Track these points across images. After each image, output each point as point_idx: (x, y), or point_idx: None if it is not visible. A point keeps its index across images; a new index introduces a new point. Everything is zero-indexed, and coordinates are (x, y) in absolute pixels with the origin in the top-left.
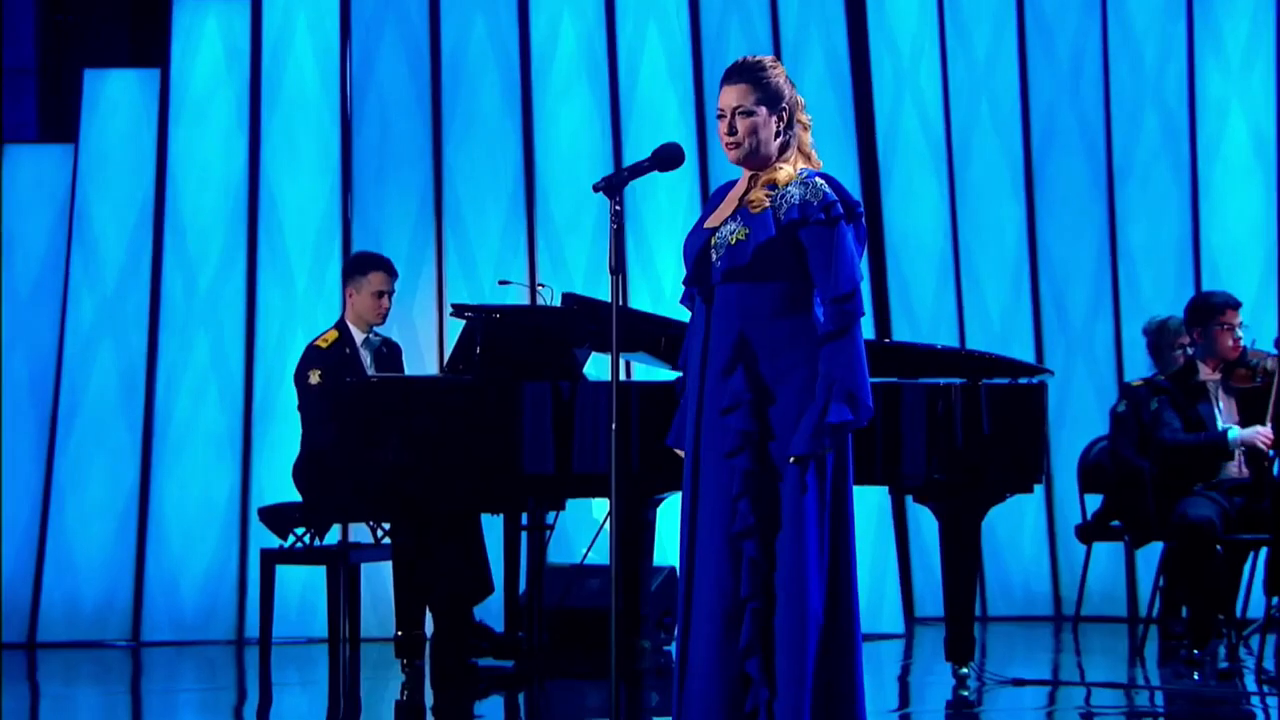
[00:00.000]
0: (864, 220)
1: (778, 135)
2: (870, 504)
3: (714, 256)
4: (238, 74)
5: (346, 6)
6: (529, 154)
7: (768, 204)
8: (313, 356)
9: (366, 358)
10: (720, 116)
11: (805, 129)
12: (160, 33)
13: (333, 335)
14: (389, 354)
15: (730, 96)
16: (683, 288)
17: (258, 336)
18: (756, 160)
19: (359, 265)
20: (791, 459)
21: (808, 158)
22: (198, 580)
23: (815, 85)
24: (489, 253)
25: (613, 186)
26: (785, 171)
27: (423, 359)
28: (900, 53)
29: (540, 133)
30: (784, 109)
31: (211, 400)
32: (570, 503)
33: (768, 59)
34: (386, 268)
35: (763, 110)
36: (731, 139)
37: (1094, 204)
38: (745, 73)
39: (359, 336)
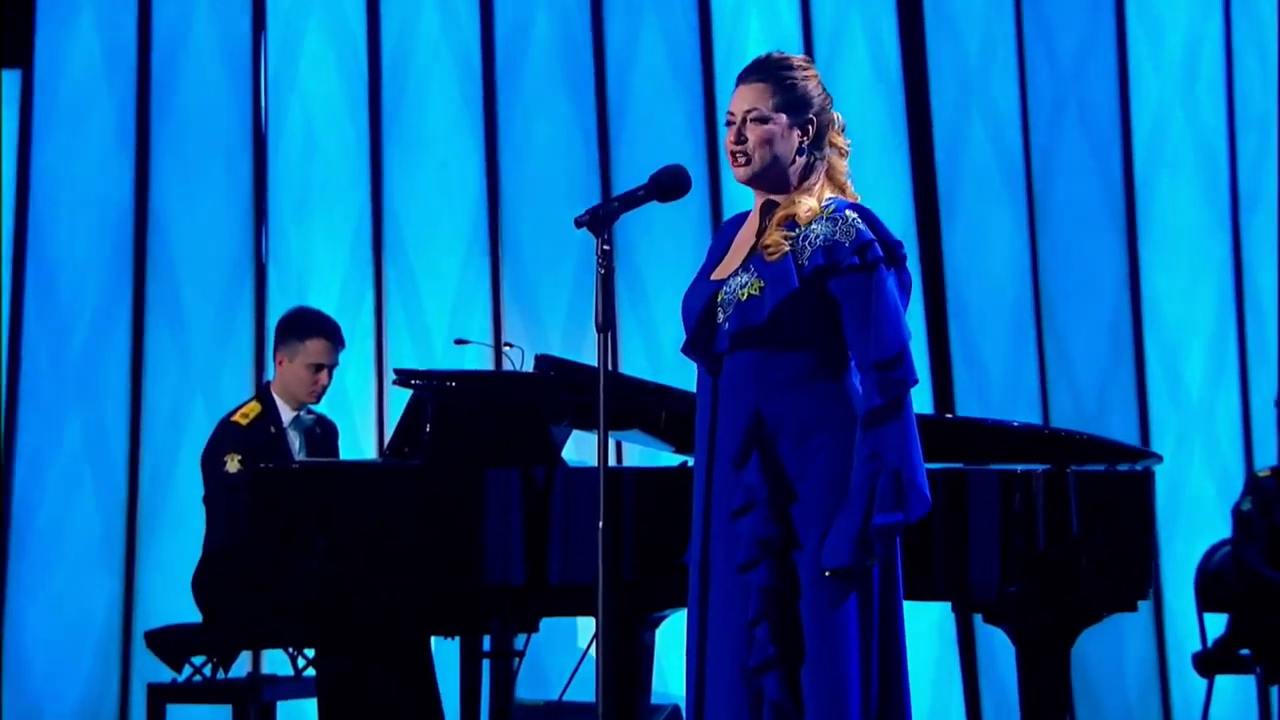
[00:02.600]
0: (907, 264)
1: (799, 153)
2: (928, 624)
3: (720, 316)
4: (121, 75)
5: None
6: (493, 178)
7: (787, 248)
8: (229, 435)
9: (295, 440)
10: (729, 123)
11: (841, 155)
12: (23, 24)
13: (254, 409)
14: (323, 435)
15: (743, 98)
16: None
17: (145, 413)
18: (769, 181)
19: (294, 327)
20: (827, 572)
21: (841, 190)
22: None
23: (859, 91)
24: (442, 304)
25: (600, 220)
26: (807, 204)
27: (358, 439)
28: (966, 50)
29: (507, 151)
30: (810, 121)
31: (86, 494)
32: (545, 623)
33: (798, 58)
34: (330, 335)
35: (782, 118)
36: (739, 149)
37: (1213, 241)
38: (765, 70)
39: (287, 414)
